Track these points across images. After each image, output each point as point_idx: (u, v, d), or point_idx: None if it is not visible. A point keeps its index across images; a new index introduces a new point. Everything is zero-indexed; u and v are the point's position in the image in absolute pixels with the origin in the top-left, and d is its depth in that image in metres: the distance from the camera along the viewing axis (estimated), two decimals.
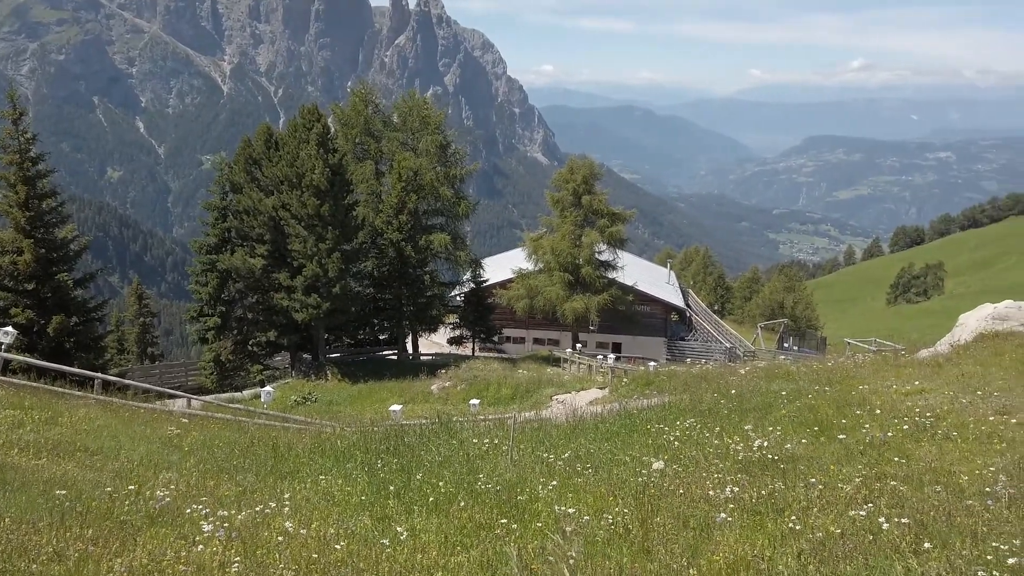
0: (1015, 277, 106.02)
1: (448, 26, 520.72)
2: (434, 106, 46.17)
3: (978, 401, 9.29)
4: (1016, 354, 11.57)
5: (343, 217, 33.62)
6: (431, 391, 29.53)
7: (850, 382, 11.41)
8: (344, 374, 34.05)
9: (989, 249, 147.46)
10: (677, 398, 12.82)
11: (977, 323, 13.43)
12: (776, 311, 68.74)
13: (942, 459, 7.20)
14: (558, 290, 39.54)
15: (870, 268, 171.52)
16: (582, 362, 34.81)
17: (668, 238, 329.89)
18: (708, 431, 9.27)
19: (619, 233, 40.95)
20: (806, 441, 8.37)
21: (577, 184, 40.52)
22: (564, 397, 25.65)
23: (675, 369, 23.36)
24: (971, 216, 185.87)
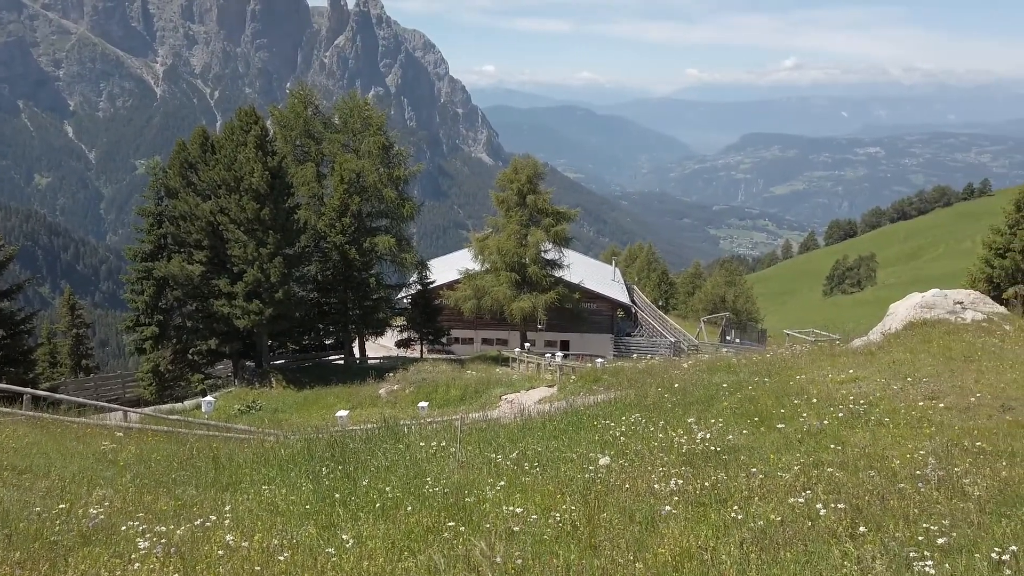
0: (942, 267, 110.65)
1: (388, 26, 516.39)
2: (376, 107, 45.69)
3: (908, 387, 9.66)
4: (943, 341, 12.06)
5: (284, 221, 32.98)
6: (379, 395, 29.22)
7: (788, 372, 11.73)
8: (289, 381, 33.42)
9: (918, 240, 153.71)
10: (623, 394, 12.97)
11: (906, 312, 13.96)
12: (718, 305, 70.22)
13: (875, 444, 7.45)
14: (505, 290, 39.58)
15: (807, 261, 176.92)
16: (530, 361, 34.92)
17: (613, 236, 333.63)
18: (653, 425, 9.40)
19: (564, 232, 41.20)
20: (747, 432, 8.56)
21: (522, 184, 40.62)
22: (513, 396, 25.70)
23: (622, 365, 23.63)
24: (900, 209, 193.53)
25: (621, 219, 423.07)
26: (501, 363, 37.76)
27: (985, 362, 10.52)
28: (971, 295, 14.42)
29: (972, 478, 6.12)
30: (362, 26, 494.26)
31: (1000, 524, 5.24)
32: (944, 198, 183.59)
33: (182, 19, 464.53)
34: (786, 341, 30.46)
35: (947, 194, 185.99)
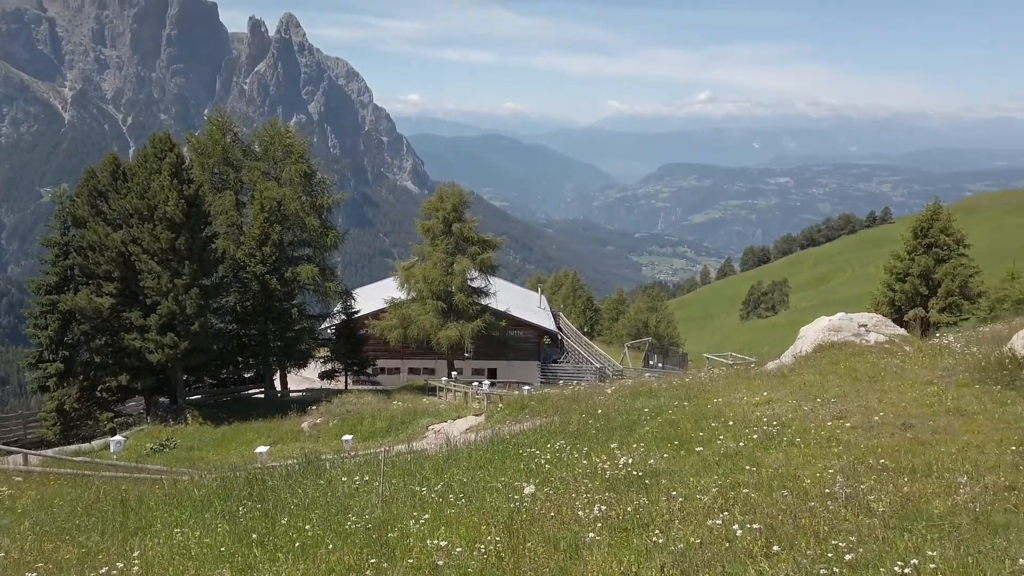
0: (849, 291, 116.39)
1: (311, 54, 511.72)
2: (297, 135, 45.05)
3: (818, 408, 10.07)
4: (849, 362, 12.66)
5: (201, 250, 31.94)
6: (301, 429, 28.41)
7: (707, 396, 12.06)
8: (206, 417, 32.14)
9: (826, 266, 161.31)
10: (549, 421, 13.05)
11: (815, 335, 14.61)
12: (641, 330, 71.67)
13: (788, 464, 7.73)
14: (431, 318, 39.40)
15: (724, 286, 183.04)
16: (458, 390, 34.71)
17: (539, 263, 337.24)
18: (577, 452, 9.48)
19: (490, 259, 41.41)
20: (668, 455, 8.74)
21: (447, 212, 40.71)
22: (440, 426, 25.44)
23: (548, 392, 23.74)
24: (809, 236, 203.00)
25: (547, 246, 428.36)
26: (428, 392, 37.39)
27: (888, 382, 11.10)
28: (874, 318, 15.21)
29: (877, 495, 6.41)
30: (284, 53, 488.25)
31: (903, 538, 5.51)
32: (849, 226, 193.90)
33: (93, 43, 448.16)
34: (706, 365, 31.30)
35: (852, 222, 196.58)
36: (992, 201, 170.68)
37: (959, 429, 8.33)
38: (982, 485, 6.45)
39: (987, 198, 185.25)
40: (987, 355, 11.14)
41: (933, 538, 5.49)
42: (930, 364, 12.05)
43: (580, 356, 56.47)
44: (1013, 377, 10.06)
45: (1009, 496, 6.24)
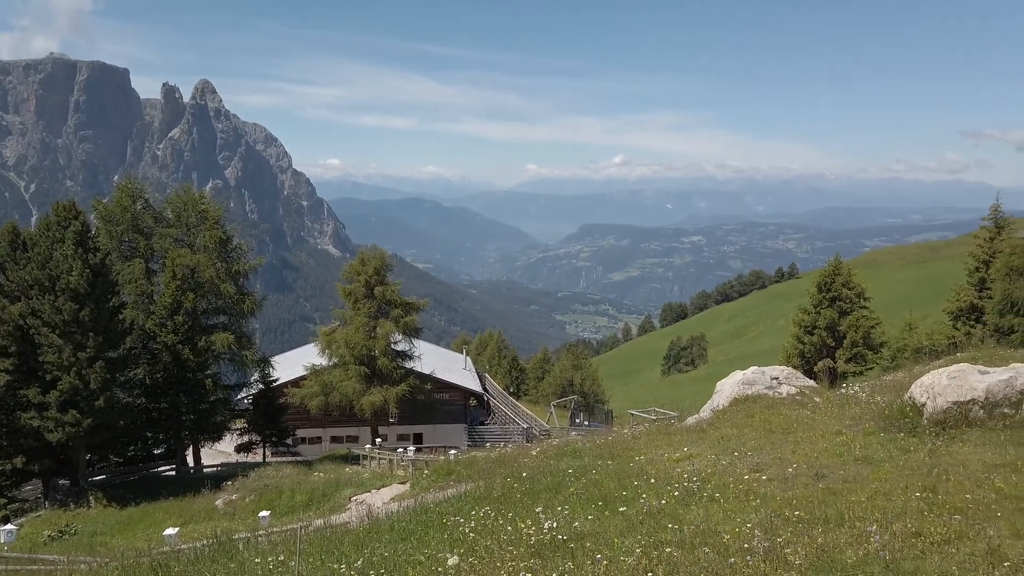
0: (763, 344, 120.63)
1: (228, 119, 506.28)
2: (212, 200, 44.09)
3: (736, 461, 10.29)
4: (763, 415, 13.04)
5: (107, 321, 30.44)
6: (216, 507, 26.93)
7: (629, 453, 12.15)
8: (111, 498, 30.10)
9: (740, 320, 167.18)
10: (474, 486, 12.82)
11: (731, 389, 15.02)
12: (567, 388, 72.00)
13: (708, 520, 7.82)
14: (354, 384, 38.56)
15: (645, 342, 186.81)
16: (382, 457, 33.84)
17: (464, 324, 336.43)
18: (502, 518, 9.33)
19: (414, 322, 41.07)
20: (592, 517, 8.70)
21: (369, 275, 40.35)
22: (363, 497, 24.62)
23: (475, 455, 23.40)
24: (723, 292, 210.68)
25: (471, 307, 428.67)
26: (351, 462, 36.27)
27: (800, 433, 11.46)
28: (785, 371, 15.79)
29: (793, 547, 6.55)
30: (199, 119, 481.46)
31: None
32: (759, 281, 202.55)
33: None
34: (630, 421, 31.59)
35: (762, 278, 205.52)
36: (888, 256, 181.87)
37: (868, 477, 8.65)
38: (891, 532, 6.68)
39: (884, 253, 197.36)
40: (890, 403, 11.68)
41: None
42: (838, 414, 12.53)
43: (507, 417, 56.08)
44: (914, 424, 10.57)
45: (916, 542, 6.48)
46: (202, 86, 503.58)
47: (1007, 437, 9.55)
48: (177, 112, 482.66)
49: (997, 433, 9.79)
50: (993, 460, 8.65)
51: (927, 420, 10.44)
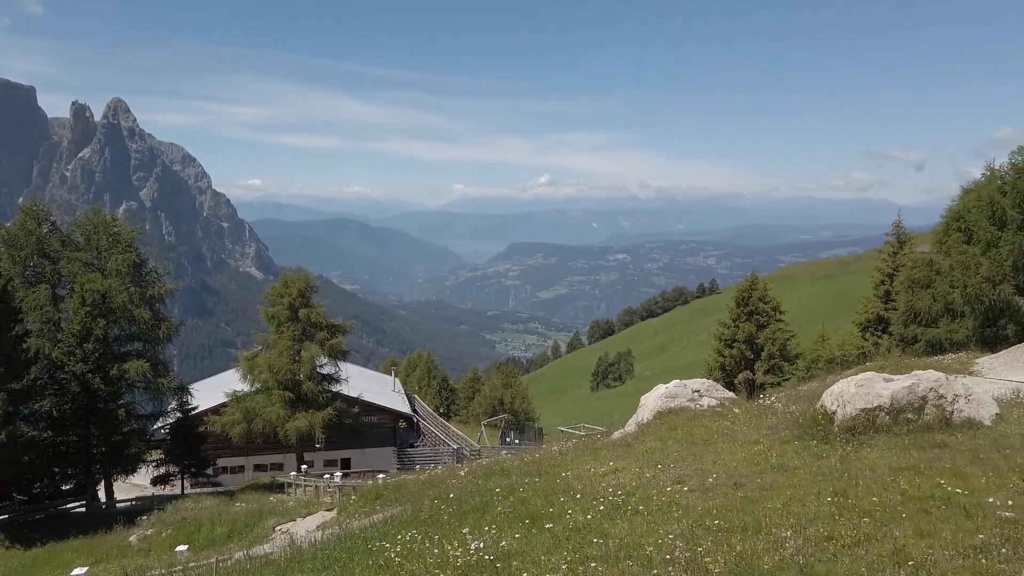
0: (687, 358, 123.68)
1: (142, 139, 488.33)
2: (125, 222, 42.31)
3: (659, 474, 10.48)
4: (686, 427, 13.35)
5: (9, 351, 28.74)
6: (129, 543, 25.63)
7: (557, 470, 12.22)
8: (15, 539, 28.23)
9: (665, 335, 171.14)
10: (401, 510, 12.63)
11: (655, 403, 15.32)
12: (497, 407, 71.92)
13: (633, 533, 7.93)
14: (278, 410, 37.48)
15: (574, 359, 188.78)
16: (308, 484, 32.99)
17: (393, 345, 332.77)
18: (429, 540, 9.22)
19: (340, 345, 40.30)
20: (519, 535, 8.70)
21: (293, 298, 39.46)
22: (288, 526, 23.88)
23: (404, 478, 23.06)
24: (648, 308, 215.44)
25: (400, 328, 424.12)
26: (276, 490, 35.21)
27: (720, 444, 11.78)
28: (706, 383, 16.22)
29: (713, 556, 6.70)
30: (111, 138, 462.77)
31: None
32: (682, 297, 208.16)
33: None
34: (559, 438, 31.78)
35: (684, 294, 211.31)
36: (801, 271, 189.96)
37: (783, 484, 8.94)
38: (804, 537, 6.92)
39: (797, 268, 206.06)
40: (804, 412, 12.14)
41: None
42: (756, 424, 12.94)
43: (437, 438, 55.60)
44: (826, 432, 11.01)
45: (828, 545, 6.74)
46: (115, 104, 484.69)
47: (911, 441, 10.06)
48: (88, 132, 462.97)
49: (902, 437, 10.30)
50: (898, 463, 9.08)
51: (838, 427, 10.89)
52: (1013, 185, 26.68)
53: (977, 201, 27.30)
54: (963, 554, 6.10)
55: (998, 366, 19.54)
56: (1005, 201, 26.29)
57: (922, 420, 10.65)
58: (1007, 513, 6.83)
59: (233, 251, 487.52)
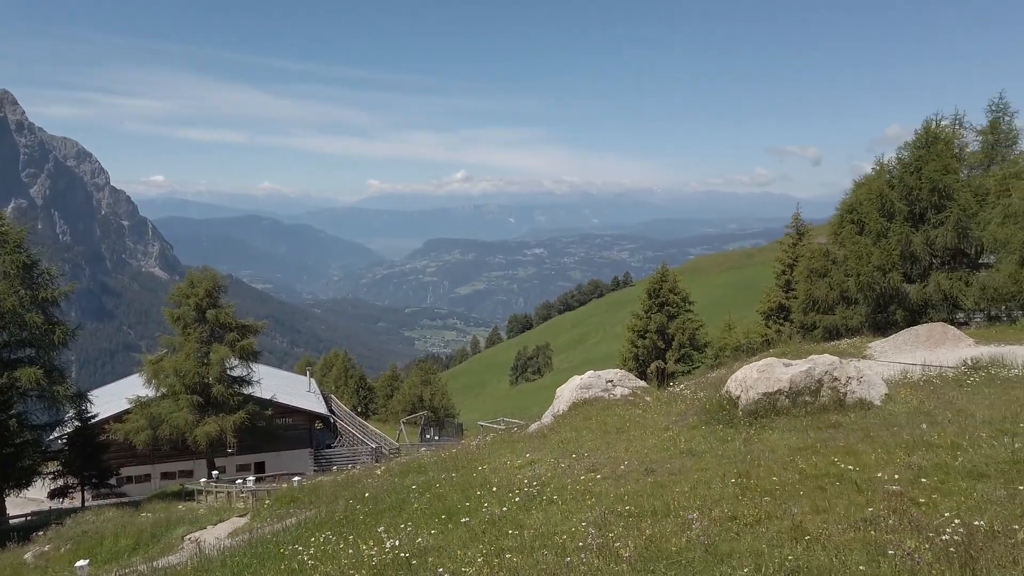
0: (603, 349, 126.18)
1: (32, 133, 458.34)
2: (13, 222, 39.66)
3: (574, 463, 10.67)
4: (600, 417, 13.63)
5: None
6: (24, 561, 24.10)
7: (473, 464, 12.26)
8: None
9: (582, 328, 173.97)
10: (315, 512, 12.39)
11: (570, 394, 15.59)
12: (416, 405, 71.48)
13: (548, 523, 8.04)
14: (186, 415, 36.12)
15: (494, 354, 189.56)
16: (220, 491, 31.88)
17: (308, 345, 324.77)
18: (343, 541, 9.08)
19: (251, 346, 39.15)
20: (436, 531, 8.68)
21: (200, 298, 38.05)
22: (199, 535, 22.99)
23: (321, 480, 22.63)
24: (565, 301, 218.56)
25: (316, 327, 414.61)
26: (185, 498, 33.89)
27: (632, 432, 12.09)
28: (618, 373, 16.62)
29: (624, 541, 6.87)
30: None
31: None
32: (598, 290, 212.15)
33: None
34: (479, 432, 31.88)
35: (600, 287, 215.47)
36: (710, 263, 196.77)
37: (691, 468, 9.26)
38: (710, 518, 7.19)
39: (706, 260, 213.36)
40: (710, 398, 12.61)
41: (671, 575, 5.99)
42: (667, 411, 13.35)
43: (355, 438, 54.76)
44: (731, 416, 11.47)
45: (732, 525, 7.02)
46: (0, 96, 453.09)
47: (808, 422, 10.60)
48: None
49: (800, 419, 10.84)
50: (797, 444, 9.55)
51: (742, 411, 11.36)
52: (900, 179, 28.46)
53: (868, 194, 28.98)
54: (855, 527, 6.47)
55: (888, 349, 20.82)
56: (893, 194, 28.01)
57: (818, 402, 11.24)
58: (894, 487, 7.29)
59: (135, 251, 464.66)
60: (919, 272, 28.08)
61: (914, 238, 27.42)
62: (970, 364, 14.51)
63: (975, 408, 10.28)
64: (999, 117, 31.70)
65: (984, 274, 26.56)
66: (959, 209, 26.73)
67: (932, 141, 28.52)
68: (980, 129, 31.80)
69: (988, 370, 13.81)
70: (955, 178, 27.80)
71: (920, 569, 5.24)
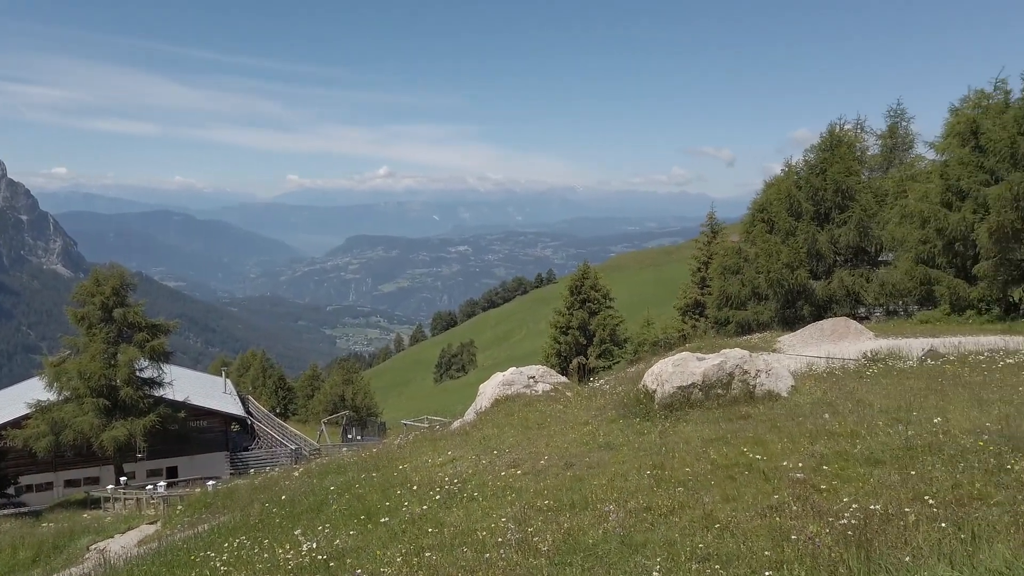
0: (527, 346, 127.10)
1: None
2: None
3: (495, 460, 10.71)
4: (522, 413, 13.73)
5: None
6: None
7: (395, 463, 12.15)
8: None
9: (506, 325, 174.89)
10: (230, 517, 12.02)
11: (492, 391, 15.64)
12: (338, 404, 70.29)
13: (468, 520, 8.05)
14: (92, 419, 34.48)
15: (418, 352, 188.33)
16: (129, 497, 30.59)
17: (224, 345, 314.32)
18: (258, 545, 8.85)
19: (162, 346, 37.72)
20: (355, 532, 8.56)
21: (106, 297, 36.39)
22: (105, 544, 21.95)
23: (238, 483, 21.96)
24: (489, 298, 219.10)
25: (232, 327, 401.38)
26: (92, 506, 32.38)
27: (553, 427, 12.23)
28: (540, 369, 16.78)
29: (542, 535, 6.95)
30: None
31: (564, 572, 6.04)
32: (522, 287, 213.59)
33: None
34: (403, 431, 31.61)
35: (524, 284, 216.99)
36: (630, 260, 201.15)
37: (609, 461, 9.44)
38: (626, 510, 7.35)
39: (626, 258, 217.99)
40: (628, 393, 12.88)
41: (588, 567, 6.10)
42: (587, 406, 13.56)
43: (274, 439, 53.35)
44: (647, 409, 11.76)
45: (647, 516, 7.19)
46: None
47: (720, 414, 10.97)
48: None
49: (713, 411, 11.21)
50: (710, 435, 9.87)
51: (658, 405, 11.66)
52: (807, 180, 29.81)
53: (777, 194, 30.23)
54: (761, 514, 6.74)
55: (796, 343, 21.76)
56: (800, 194, 29.31)
57: (730, 394, 11.66)
58: (798, 475, 7.63)
59: (35, 247, 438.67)
60: (824, 269, 29.48)
61: (820, 237, 28.77)
62: (870, 356, 15.34)
63: (873, 398, 10.86)
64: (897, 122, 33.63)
65: (883, 271, 28.13)
66: (861, 209, 28.21)
67: (836, 144, 29.99)
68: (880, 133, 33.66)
69: (886, 362, 14.62)
70: (857, 180, 29.32)
71: (820, 552, 5.50)
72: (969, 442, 7.82)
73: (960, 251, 24.47)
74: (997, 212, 21.81)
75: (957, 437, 8.09)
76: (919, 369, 13.56)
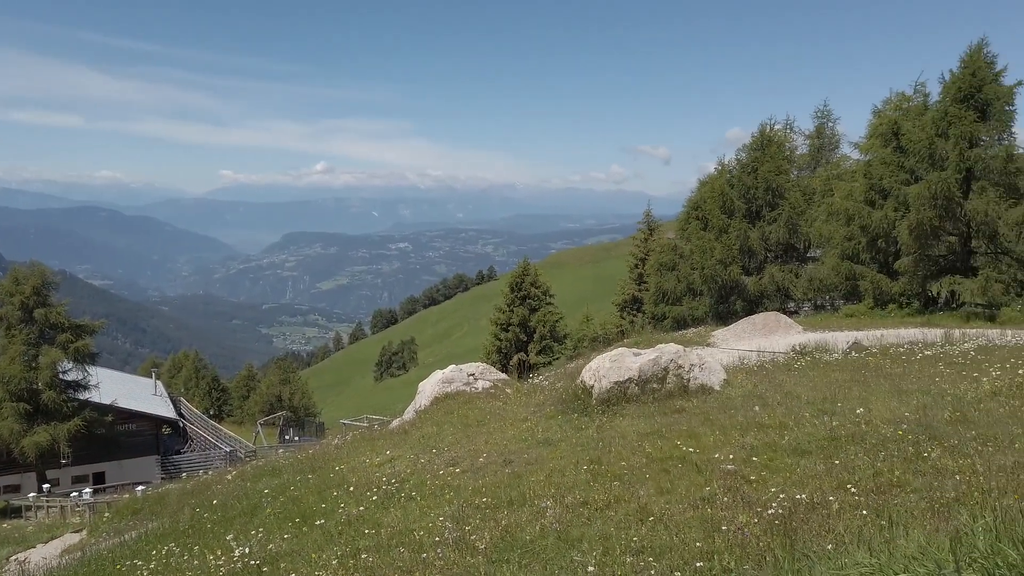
0: (469, 343, 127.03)
1: None
2: None
3: (434, 458, 10.66)
4: (461, 411, 13.70)
5: None
6: None
7: (332, 464, 11.96)
8: None
9: (447, 322, 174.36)
10: (159, 523, 11.63)
11: (432, 388, 15.56)
12: (275, 405, 68.88)
13: (406, 520, 7.99)
14: (12, 424, 33.06)
15: (357, 350, 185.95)
16: (52, 505, 29.32)
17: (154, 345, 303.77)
18: (188, 552, 8.59)
19: (87, 347, 36.37)
20: (289, 536, 8.40)
21: (26, 296, 34.89)
22: (25, 555, 20.98)
23: (169, 488, 21.28)
24: (430, 296, 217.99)
25: (163, 326, 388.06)
26: (12, 515, 30.93)
27: (492, 424, 12.24)
28: (480, 367, 16.77)
29: (479, 533, 6.95)
30: None
31: (502, 570, 6.05)
32: (463, 284, 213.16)
33: None
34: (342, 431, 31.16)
35: (464, 281, 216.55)
36: (570, 257, 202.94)
37: (547, 457, 9.51)
38: (563, 505, 7.41)
39: (566, 255, 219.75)
40: (567, 388, 12.99)
41: (525, 564, 6.13)
42: (526, 403, 13.62)
43: (207, 442, 51.90)
44: (585, 405, 11.88)
45: (583, 510, 7.27)
46: None
47: (655, 408, 11.17)
48: None
49: (649, 406, 11.40)
50: (645, 429, 10.04)
51: (596, 400, 11.80)
52: (739, 178, 30.61)
53: (711, 192, 30.95)
54: (694, 506, 6.89)
55: (729, 337, 22.35)
56: (733, 192, 30.08)
57: (665, 388, 11.88)
58: (729, 466, 7.83)
59: None
60: (756, 265, 30.35)
61: (751, 233, 29.60)
62: (798, 349, 15.86)
63: (801, 390, 11.24)
64: (824, 123, 34.87)
65: (811, 267, 29.14)
66: (790, 207, 29.13)
67: (767, 144, 30.88)
68: (808, 133, 34.84)
69: (813, 355, 15.14)
70: (786, 178, 30.28)
71: (748, 542, 5.66)
72: (889, 431, 8.17)
73: (883, 247, 25.55)
74: (917, 210, 22.84)
75: (878, 427, 8.44)
76: (844, 361, 14.10)
